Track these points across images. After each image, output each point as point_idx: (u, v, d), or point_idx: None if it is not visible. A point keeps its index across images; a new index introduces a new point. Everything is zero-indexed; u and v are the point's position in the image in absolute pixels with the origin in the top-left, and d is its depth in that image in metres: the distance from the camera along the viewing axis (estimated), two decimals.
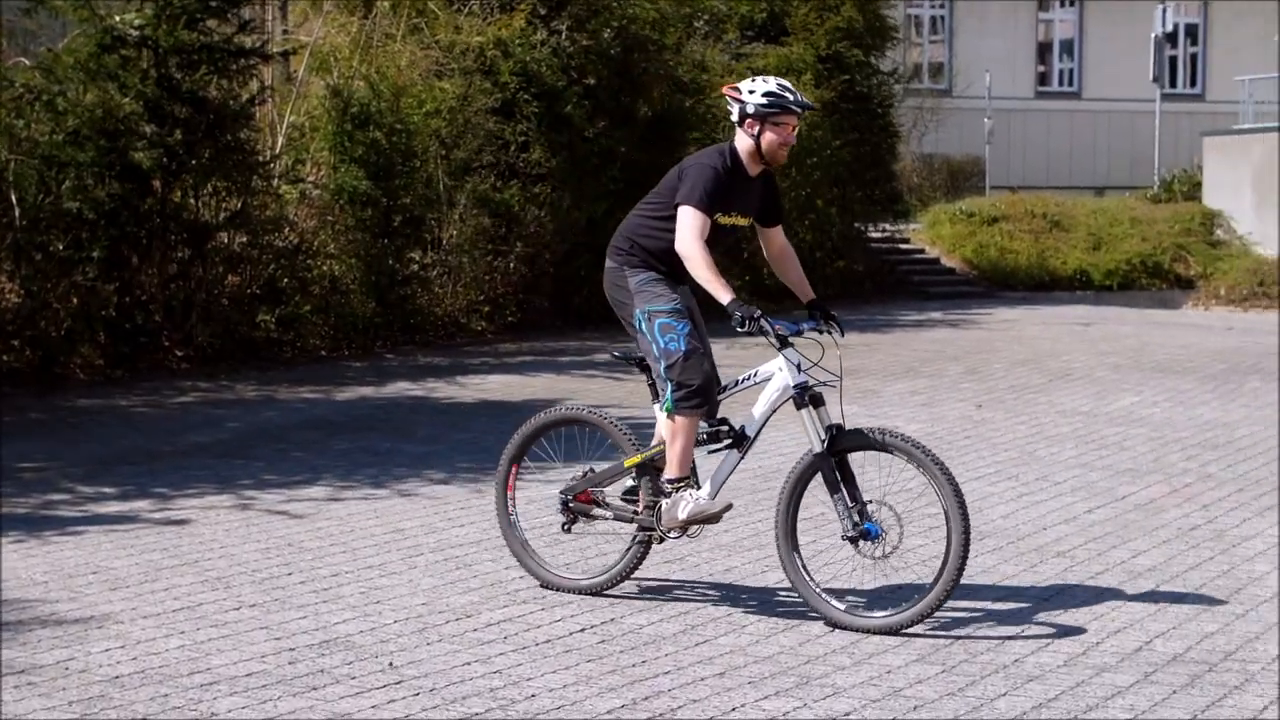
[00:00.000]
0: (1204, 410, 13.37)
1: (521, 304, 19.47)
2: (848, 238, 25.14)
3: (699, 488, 7.13)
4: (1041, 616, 7.17)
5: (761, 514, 8.96)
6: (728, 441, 7.17)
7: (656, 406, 7.25)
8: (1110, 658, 6.53)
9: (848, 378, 7.42)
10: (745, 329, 6.84)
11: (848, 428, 6.98)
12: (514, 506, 7.66)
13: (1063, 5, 38.99)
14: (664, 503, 7.13)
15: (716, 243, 7.08)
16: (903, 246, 27.73)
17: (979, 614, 7.20)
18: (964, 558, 6.71)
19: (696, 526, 7.18)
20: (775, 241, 7.41)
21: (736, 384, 7.20)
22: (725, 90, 7.28)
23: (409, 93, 18.43)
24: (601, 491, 7.48)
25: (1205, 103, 38.33)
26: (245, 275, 16.75)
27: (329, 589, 7.57)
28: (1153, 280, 26.86)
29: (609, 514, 7.45)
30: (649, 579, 7.72)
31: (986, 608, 7.30)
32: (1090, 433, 12.26)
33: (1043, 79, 39.08)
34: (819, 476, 6.97)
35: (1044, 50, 39.32)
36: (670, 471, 7.11)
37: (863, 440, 6.91)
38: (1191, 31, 39.83)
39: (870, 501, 6.93)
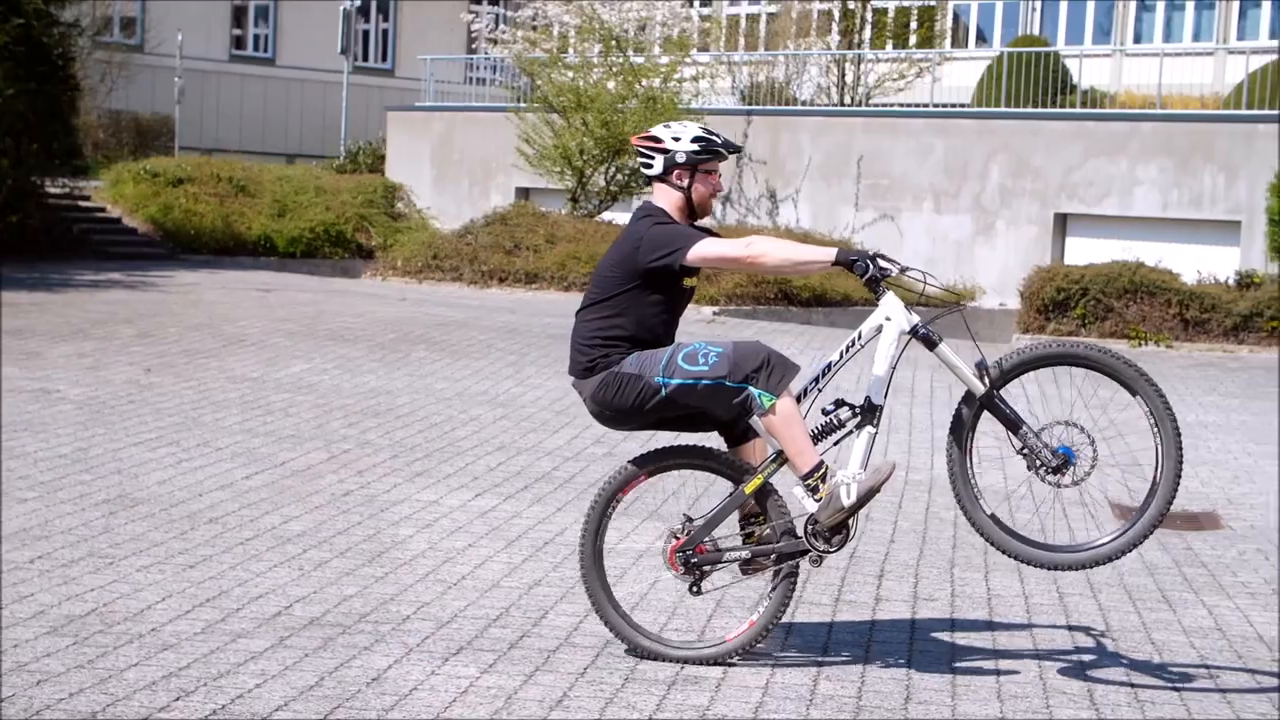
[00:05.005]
0: (370, 378, 13.75)
1: None
2: (22, 192, 24.08)
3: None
4: (184, 585, 7.13)
5: None
6: (854, 422, 6.22)
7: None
8: (249, 624, 6.58)
9: (11, 338, 7.08)
10: (867, 275, 6.02)
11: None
12: (623, 607, 6.48)
13: None
14: (812, 505, 6.14)
15: (679, 308, 6.32)
16: (83, 204, 26.80)
17: (122, 584, 7.07)
18: (1180, 462, 6.02)
19: (855, 526, 6.21)
20: None
21: (840, 356, 6.24)
22: (636, 141, 6.33)
23: None
24: (714, 538, 6.36)
25: (395, 78, 39.56)
26: None
27: None
28: (335, 249, 27.36)
29: (745, 553, 6.32)
30: None
31: (131, 576, 7.19)
32: (258, 399, 12.33)
33: (238, 42, 39.00)
34: (985, 418, 6.17)
35: (239, 14, 39.23)
36: (803, 466, 6.12)
37: (1021, 361, 6.14)
38: (383, 8, 40.96)
39: (1045, 427, 6.16)
